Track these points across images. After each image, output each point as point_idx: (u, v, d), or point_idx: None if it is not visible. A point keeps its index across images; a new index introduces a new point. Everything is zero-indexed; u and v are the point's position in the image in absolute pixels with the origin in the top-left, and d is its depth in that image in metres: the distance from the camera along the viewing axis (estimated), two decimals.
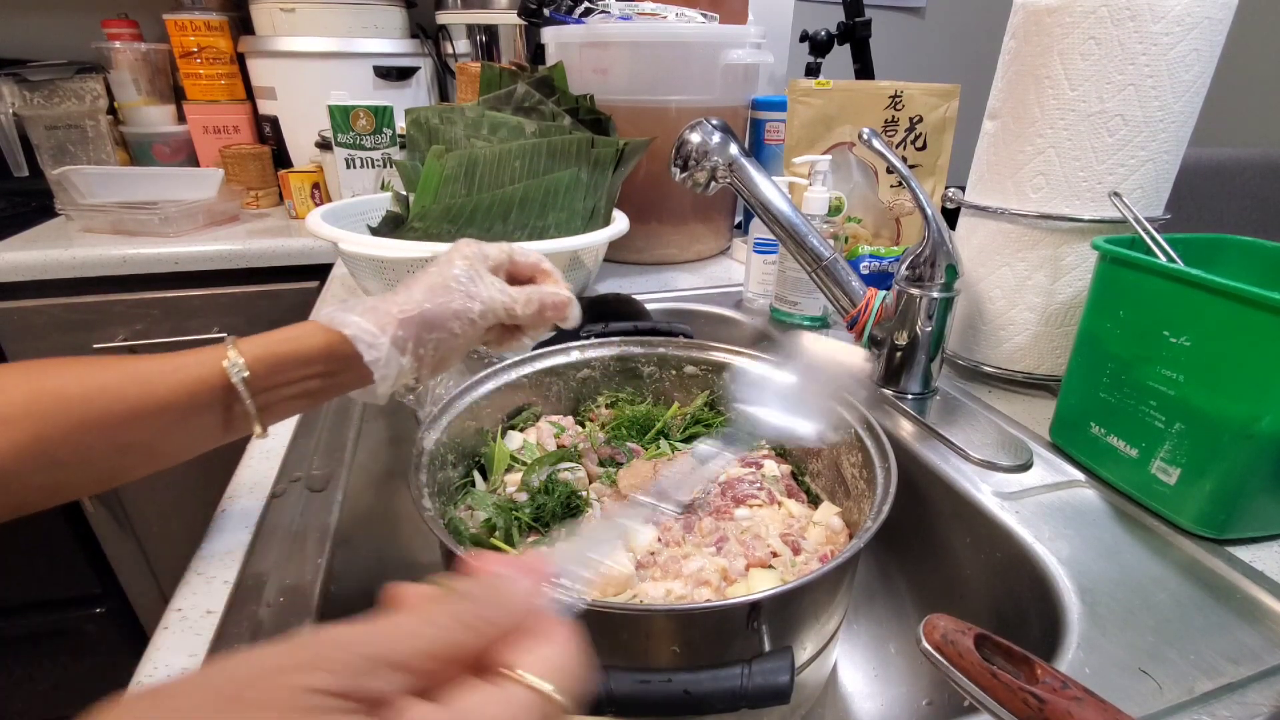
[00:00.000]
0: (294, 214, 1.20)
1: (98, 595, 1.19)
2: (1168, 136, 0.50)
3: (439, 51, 1.33)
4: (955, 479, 0.48)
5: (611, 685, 0.27)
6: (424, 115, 0.73)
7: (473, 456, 0.50)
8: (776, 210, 0.58)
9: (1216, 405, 0.39)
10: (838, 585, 0.38)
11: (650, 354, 0.57)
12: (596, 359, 0.56)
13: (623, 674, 0.27)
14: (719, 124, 0.59)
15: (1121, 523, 0.44)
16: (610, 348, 0.57)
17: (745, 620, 0.31)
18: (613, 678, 0.27)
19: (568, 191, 0.70)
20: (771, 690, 0.27)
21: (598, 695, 0.27)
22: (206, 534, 0.42)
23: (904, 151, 0.83)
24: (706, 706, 0.27)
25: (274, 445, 0.51)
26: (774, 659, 0.28)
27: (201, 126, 1.28)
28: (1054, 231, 0.54)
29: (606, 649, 0.32)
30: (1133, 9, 0.47)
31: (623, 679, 0.27)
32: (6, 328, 0.99)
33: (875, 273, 0.75)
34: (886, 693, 0.48)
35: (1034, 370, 0.58)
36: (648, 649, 0.33)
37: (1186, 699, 0.32)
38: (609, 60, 0.87)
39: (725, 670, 0.28)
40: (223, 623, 0.35)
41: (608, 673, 0.27)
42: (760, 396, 0.40)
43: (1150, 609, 0.37)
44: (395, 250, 0.62)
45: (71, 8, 1.33)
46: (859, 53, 1.14)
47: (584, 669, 0.19)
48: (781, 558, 0.41)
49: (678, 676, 0.28)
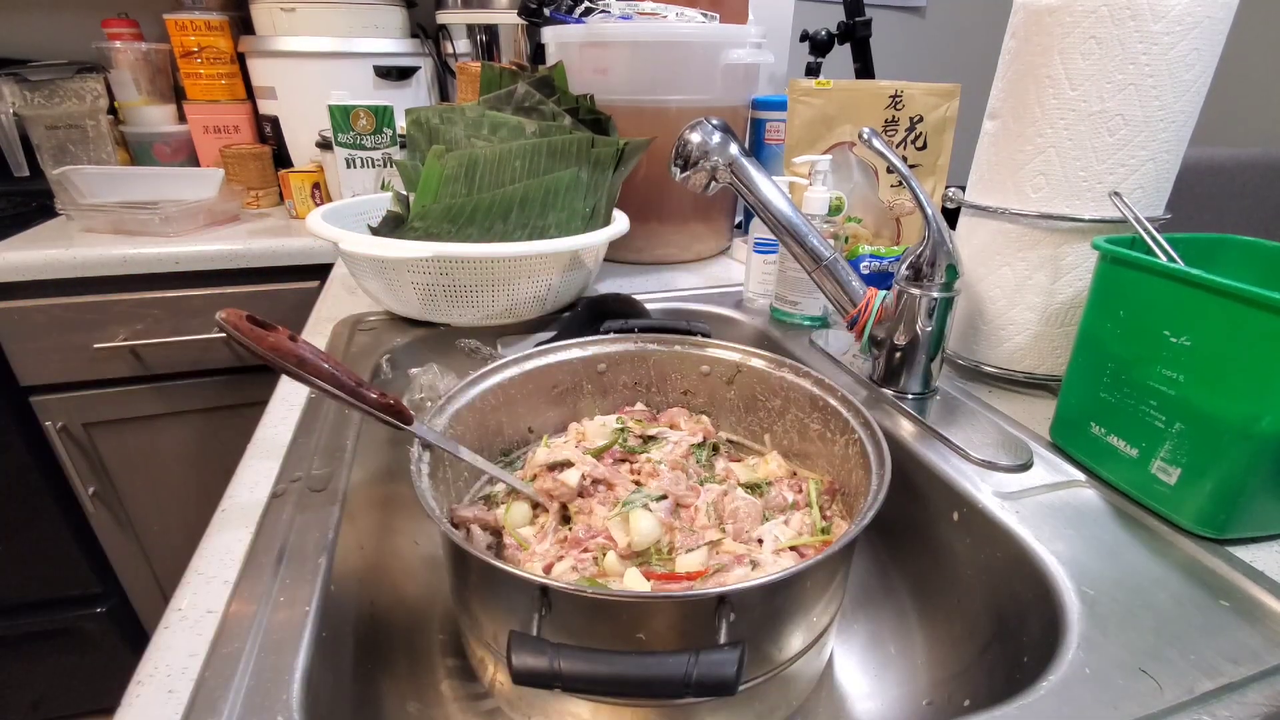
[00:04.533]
0: (294, 214, 1.20)
1: (98, 595, 1.19)
2: (1168, 136, 0.50)
3: (439, 51, 1.33)
4: (955, 479, 0.48)
5: (560, 661, 0.28)
6: (424, 115, 0.73)
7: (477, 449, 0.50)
8: (776, 210, 0.58)
9: (1217, 405, 0.39)
10: (827, 580, 0.38)
11: (667, 352, 0.57)
12: (604, 355, 0.57)
13: (572, 651, 0.28)
14: (719, 124, 0.59)
15: (1122, 523, 0.44)
16: (627, 343, 0.57)
17: (713, 612, 0.32)
18: (562, 654, 0.28)
19: (568, 191, 0.70)
20: (715, 680, 0.27)
21: (547, 670, 0.28)
22: (206, 534, 0.42)
23: (904, 151, 0.83)
24: (650, 690, 0.28)
25: (274, 445, 0.51)
26: (723, 651, 0.28)
27: (202, 126, 1.28)
28: (1054, 231, 0.54)
29: (577, 630, 0.34)
30: (1133, 8, 0.47)
31: (571, 656, 0.28)
32: (6, 328, 0.99)
33: (875, 273, 0.75)
34: (886, 693, 0.48)
35: (1034, 370, 0.58)
36: (614, 633, 0.34)
37: (1186, 699, 0.32)
38: (609, 60, 0.87)
39: (673, 657, 0.28)
40: (223, 622, 0.35)
41: (558, 649, 0.28)
42: None
43: (1150, 609, 0.37)
44: (395, 250, 0.62)
45: (71, 8, 1.33)
46: (859, 52, 1.14)
47: None
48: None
49: (624, 658, 0.29)
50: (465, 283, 0.66)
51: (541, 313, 0.73)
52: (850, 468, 0.48)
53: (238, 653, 0.33)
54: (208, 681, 0.32)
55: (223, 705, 0.31)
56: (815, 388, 0.51)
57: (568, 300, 0.75)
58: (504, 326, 0.71)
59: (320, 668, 0.34)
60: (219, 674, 0.32)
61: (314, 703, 0.32)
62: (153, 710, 0.31)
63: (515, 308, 0.70)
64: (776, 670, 0.38)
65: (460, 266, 0.64)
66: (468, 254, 0.63)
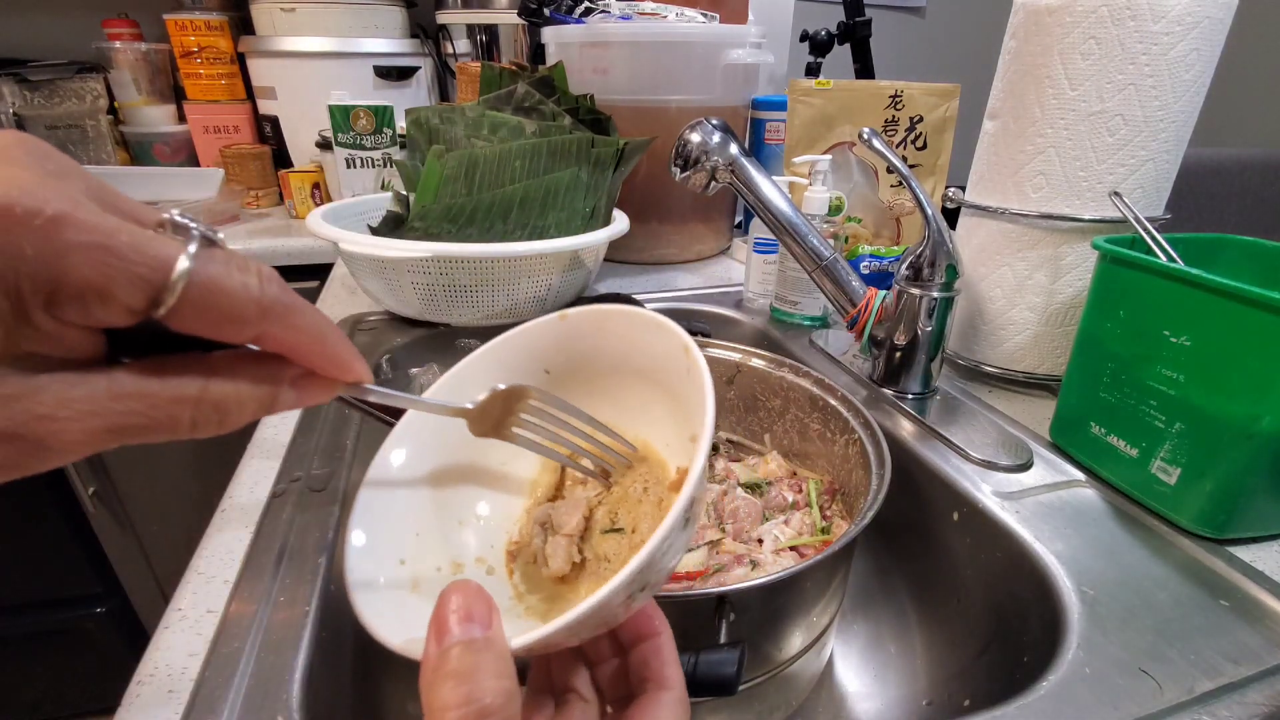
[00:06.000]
0: (294, 214, 1.20)
1: (98, 595, 1.19)
2: (1168, 136, 0.50)
3: (439, 51, 1.33)
4: (955, 479, 0.48)
5: None
6: (424, 115, 0.73)
7: None
8: (776, 210, 0.58)
9: (1217, 405, 0.39)
10: (827, 580, 0.38)
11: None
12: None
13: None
14: (719, 124, 0.59)
15: (1122, 522, 0.44)
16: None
17: (713, 612, 0.32)
18: None
19: (568, 191, 0.70)
20: (716, 680, 0.27)
21: None
22: (206, 534, 0.42)
23: (904, 151, 0.83)
24: None
25: (274, 445, 0.51)
26: (723, 651, 0.28)
27: (202, 126, 1.28)
28: (1054, 231, 0.54)
29: None
30: (1133, 8, 0.47)
31: None
32: None
33: (875, 272, 0.75)
34: (886, 693, 0.48)
35: (1034, 370, 0.58)
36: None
37: (1186, 699, 0.32)
38: (609, 60, 0.87)
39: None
40: (223, 622, 0.35)
41: None
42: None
43: (1150, 609, 0.37)
44: (395, 250, 0.62)
45: (71, 8, 1.33)
46: (859, 52, 1.14)
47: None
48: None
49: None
50: (465, 283, 0.66)
51: (541, 313, 0.72)
52: (850, 468, 0.48)
53: (238, 653, 0.33)
54: (208, 681, 0.32)
55: (223, 705, 0.31)
56: (815, 388, 0.51)
57: (568, 300, 0.75)
58: (504, 326, 0.71)
59: (320, 668, 0.34)
60: (219, 674, 0.32)
61: (314, 703, 0.32)
62: (153, 710, 0.31)
63: (515, 308, 0.70)
64: (776, 670, 0.38)
65: (460, 266, 0.64)
66: (467, 254, 0.63)
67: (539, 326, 0.31)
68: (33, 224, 0.13)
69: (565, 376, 0.32)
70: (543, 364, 0.32)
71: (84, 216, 0.14)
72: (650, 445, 0.31)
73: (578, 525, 0.28)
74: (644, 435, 0.31)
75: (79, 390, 0.15)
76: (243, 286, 0.16)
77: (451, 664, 0.18)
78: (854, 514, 0.46)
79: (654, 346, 0.28)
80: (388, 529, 0.26)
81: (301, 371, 0.20)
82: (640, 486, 0.30)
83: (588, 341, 0.31)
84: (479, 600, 0.20)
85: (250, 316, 0.17)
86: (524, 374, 0.31)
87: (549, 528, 0.29)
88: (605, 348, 0.30)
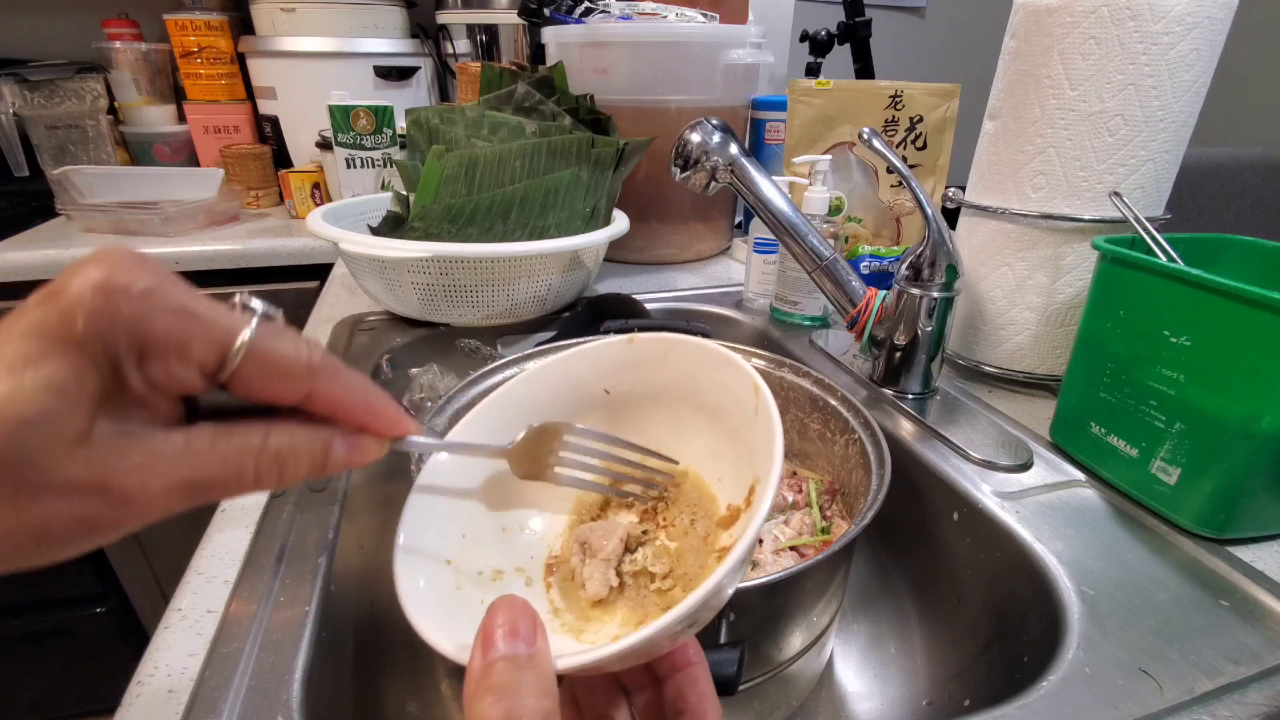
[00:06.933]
0: (294, 214, 1.20)
1: (98, 595, 1.19)
2: (1168, 136, 0.50)
3: (439, 51, 1.33)
4: (955, 479, 0.48)
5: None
6: (424, 115, 0.73)
7: None
8: (776, 210, 0.58)
9: (1217, 405, 0.39)
10: (827, 580, 0.38)
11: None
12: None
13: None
14: (719, 124, 0.59)
15: (1122, 523, 0.44)
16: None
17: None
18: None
19: (568, 191, 0.70)
20: (716, 680, 0.28)
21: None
22: (206, 534, 0.42)
23: (904, 151, 0.83)
24: None
25: None
26: (723, 651, 0.28)
27: (202, 126, 1.28)
28: (1054, 231, 0.54)
29: None
30: (1133, 9, 0.47)
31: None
32: None
33: (875, 273, 0.75)
34: (886, 693, 0.48)
35: (1034, 370, 0.58)
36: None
37: (1186, 699, 0.32)
38: (609, 60, 0.87)
39: None
40: (223, 622, 0.35)
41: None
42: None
43: (1150, 609, 0.37)
44: (395, 250, 0.62)
45: (71, 8, 1.33)
46: (859, 52, 1.14)
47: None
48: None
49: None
50: (465, 283, 0.66)
51: (541, 313, 0.73)
52: (850, 468, 0.48)
53: (238, 653, 0.33)
54: (208, 681, 0.32)
55: (223, 705, 0.31)
56: (815, 388, 0.51)
57: (568, 300, 0.75)
58: (504, 326, 0.71)
59: (320, 668, 0.34)
60: (219, 674, 0.32)
61: (314, 703, 0.32)
62: (153, 710, 0.31)
63: (515, 308, 0.70)
64: (776, 670, 0.38)
65: (460, 266, 0.64)
66: (467, 254, 0.63)
67: (606, 346, 0.31)
68: (129, 293, 0.17)
69: (625, 399, 0.32)
70: (604, 383, 0.32)
71: (170, 289, 0.18)
72: (702, 479, 0.31)
73: (615, 549, 0.28)
74: (696, 468, 0.31)
75: (165, 445, 0.18)
76: (295, 350, 0.20)
77: (494, 678, 0.19)
78: (854, 514, 0.46)
79: (721, 382, 0.28)
80: (437, 530, 0.27)
81: (352, 429, 0.22)
82: (688, 519, 0.30)
83: (653, 368, 0.31)
84: (525, 616, 0.20)
85: (301, 373, 0.20)
86: (584, 390, 0.32)
87: (587, 549, 0.29)
88: (670, 377, 0.31)
